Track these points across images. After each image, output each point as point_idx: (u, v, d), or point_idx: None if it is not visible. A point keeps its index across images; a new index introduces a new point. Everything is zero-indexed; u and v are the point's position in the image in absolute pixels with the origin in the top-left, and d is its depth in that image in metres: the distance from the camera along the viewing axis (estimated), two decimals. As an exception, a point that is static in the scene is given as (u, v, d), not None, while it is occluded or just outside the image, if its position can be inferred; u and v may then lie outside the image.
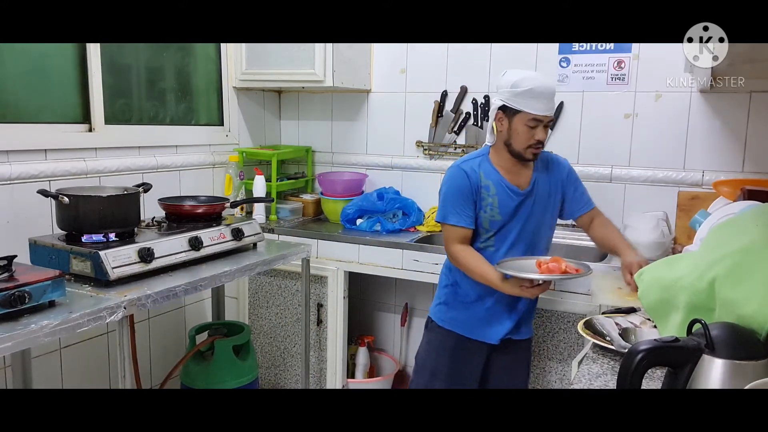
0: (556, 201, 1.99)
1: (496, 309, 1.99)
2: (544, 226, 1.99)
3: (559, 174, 1.99)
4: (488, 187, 1.92)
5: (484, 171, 1.93)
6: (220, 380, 2.44)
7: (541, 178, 1.96)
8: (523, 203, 1.93)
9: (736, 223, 1.48)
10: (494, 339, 1.99)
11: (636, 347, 0.99)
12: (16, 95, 2.18)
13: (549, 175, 1.97)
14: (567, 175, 2.00)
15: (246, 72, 2.98)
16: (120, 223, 2.01)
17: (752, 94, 2.38)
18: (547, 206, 1.97)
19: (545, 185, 1.96)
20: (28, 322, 1.50)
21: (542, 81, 1.86)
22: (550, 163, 2.00)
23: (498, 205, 1.92)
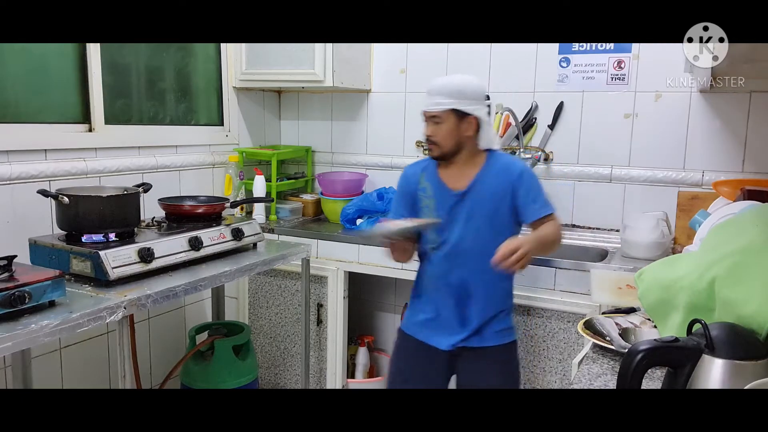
0: (503, 204, 1.85)
1: (443, 315, 1.93)
2: (490, 228, 1.86)
3: (507, 176, 1.85)
4: (425, 189, 1.92)
5: (427, 173, 1.93)
6: (220, 380, 2.44)
7: (485, 180, 1.87)
8: (458, 204, 1.87)
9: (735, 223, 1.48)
10: (443, 345, 1.92)
11: (636, 347, 0.99)
12: (16, 95, 2.18)
13: (496, 177, 1.86)
14: (518, 178, 1.85)
15: (246, 72, 2.98)
16: (120, 223, 2.01)
17: (752, 94, 2.38)
18: (492, 209, 1.85)
19: (489, 187, 1.86)
20: (28, 322, 1.50)
21: (439, 79, 1.86)
22: (502, 166, 1.88)
23: (434, 207, 1.90)
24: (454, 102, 1.81)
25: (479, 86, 1.87)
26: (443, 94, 1.83)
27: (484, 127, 1.86)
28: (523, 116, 2.76)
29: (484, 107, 1.86)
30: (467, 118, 1.83)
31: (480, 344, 1.91)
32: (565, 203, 2.74)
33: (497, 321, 1.91)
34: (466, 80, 1.86)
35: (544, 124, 2.74)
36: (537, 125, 2.76)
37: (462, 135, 1.85)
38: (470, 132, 1.85)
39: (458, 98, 1.82)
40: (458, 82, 1.84)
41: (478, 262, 1.84)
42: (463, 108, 1.81)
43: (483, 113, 1.85)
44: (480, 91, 1.86)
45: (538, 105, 2.74)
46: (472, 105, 1.82)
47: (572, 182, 2.72)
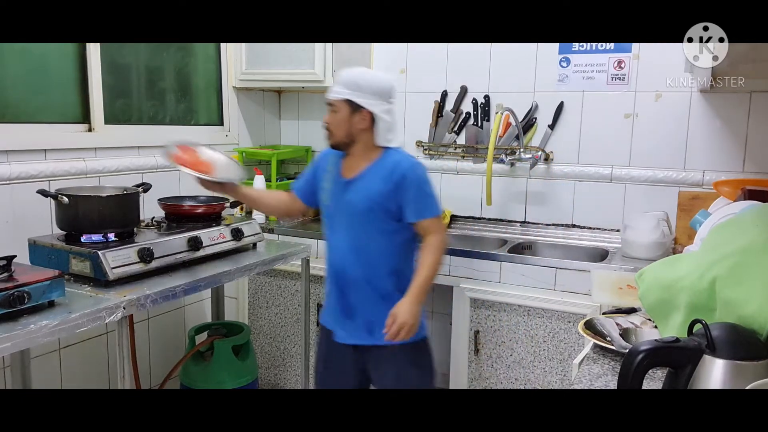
0: (386, 200, 1.84)
1: (331, 302, 1.96)
2: (369, 222, 1.86)
3: (393, 174, 1.84)
4: (327, 172, 1.96)
5: (335, 159, 1.95)
6: (220, 380, 2.44)
7: (371, 175, 1.86)
8: (345, 191, 1.89)
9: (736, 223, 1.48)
10: (341, 339, 1.94)
11: (637, 347, 0.99)
12: (16, 95, 2.18)
13: (383, 172, 1.85)
14: (402, 176, 1.83)
15: (246, 72, 2.98)
16: (119, 223, 2.01)
17: (752, 94, 2.38)
18: (373, 202, 1.84)
19: (375, 181, 1.85)
20: (28, 322, 1.49)
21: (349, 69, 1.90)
22: (391, 163, 1.86)
23: (328, 190, 1.94)
24: (348, 93, 1.82)
25: (382, 83, 1.85)
26: (341, 84, 1.84)
27: (380, 123, 1.85)
28: (523, 116, 2.76)
29: (383, 104, 1.84)
30: (361, 111, 1.83)
31: (372, 342, 1.89)
32: (565, 203, 2.74)
33: (382, 316, 1.83)
34: (368, 75, 1.87)
35: (545, 124, 2.74)
36: (537, 125, 2.76)
37: (354, 127, 1.84)
38: (363, 125, 1.84)
39: (353, 90, 1.82)
40: (357, 74, 1.85)
41: (358, 254, 1.87)
42: (356, 100, 1.81)
43: (379, 109, 1.83)
44: (381, 88, 1.84)
45: (538, 105, 2.74)
46: (368, 99, 1.82)
47: (572, 182, 2.72)
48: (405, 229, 1.89)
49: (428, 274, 1.85)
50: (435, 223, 1.88)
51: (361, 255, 1.87)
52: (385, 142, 1.88)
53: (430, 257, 1.85)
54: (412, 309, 1.79)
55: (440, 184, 2.98)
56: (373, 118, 1.84)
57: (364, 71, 1.89)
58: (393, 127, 1.89)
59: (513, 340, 2.39)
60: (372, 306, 1.88)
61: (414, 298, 1.81)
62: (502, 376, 2.43)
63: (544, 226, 2.79)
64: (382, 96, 1.84)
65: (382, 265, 1.88)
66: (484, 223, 2.90)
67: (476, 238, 2.82)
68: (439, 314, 3.02)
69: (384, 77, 1.89)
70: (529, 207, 2.82)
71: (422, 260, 1.86)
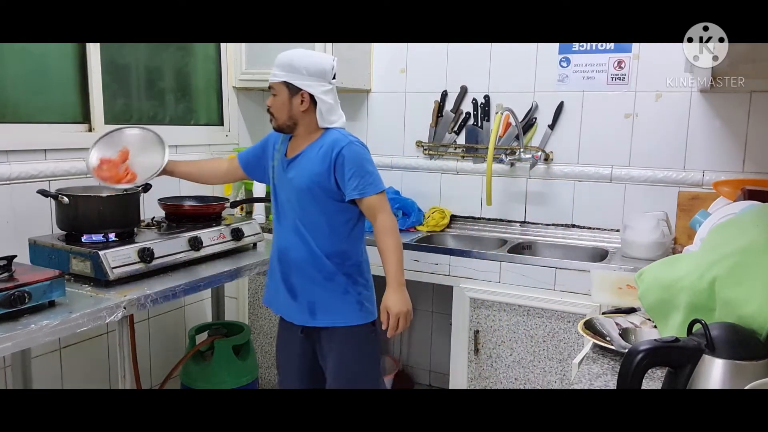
0: (323, 179, 1.83)
1: (274, 282, 1.97)
2: (310, 200, 1.85)
3: (331, 151, 1.82)
4: (276, 151, 1.96)
5: (284, 140, 1.95)
6: (220, 380, 2.44)
7: (312, 153, 1.86)
8: (286, 171, 1.90)
9: (736, 223, 1.48)
10: (288, 318, 1.95)
11: (636, 347, 0.99)
12: (16, 95, 2.18)
13: (320, 152, 1.84)
14: (338, 155, 1.81)
15: (246, 72, 2.97)
16: (120, 223, 2.01)
17: (752, 94, 2.38)
18: (311, 181, 1.83)
19: (313, 160, 1.84)
20: (28, 322, 1.50)
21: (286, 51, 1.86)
22: (329, 143, 1.84)
23: (274, 169, 1.95)
24: (284, 75, 1.81)
25: (318, 63, 1.82)
26: (278, 66, 1.83)
27: (320, 105, 1.83)
28: (523, 116, 2.76)
29: (322, 85, 1.83)
30: (300, 93, 1.81)
31: (314, 324, 1.90)
32: (564, 203, 2.74)
33: (331, 300, 1.87)
34: (305, 55, 1.83)
35: (544, 124, 2.74)
36: (537, 125, 2.76)
37: (295, 110, 1.83)
38: (303, 108, 1.83)
39: (289, 71, 1.80)
40: (294, 55, 1.82)
41: (300, 234, 1.87)
42: (293, 82, 1.80)
43: (318, 91, 1.82)
44: (319, 69, 1.82)
45: (538, 105, 2.74)
46: (305, 81, 1.80)
47: (572, 182, 2.72)
48: (347, 210, 1.87)
49: (396, 257, 1.84)
50: (379, 200, 1.84)
51: (303, 235, 1.87)
52: (328, 123, 1.86)
53: (390, 240, 1.84)
54: (399, 297, 1.82)
55: (440, 184, 2.99)
56: (313, 99, 1.82)
57: (301, 52, 1.84)
58: (334, 109, 1.88)
59: (513, 339, 2.39)
60: (314, 287, 1.88)
61: (396, 285, 1.83)
62: (502, 376, 2.43)
63: (544, 226, 2.79)
64: (320, 76, 1.82)
65: (324, 245, 1.86)
66: (484, 223, 2.90)
67: (476, 238, 2.82)
68: (438, 314, 3.03)
69: (322, 57, 1.86)
70: (528, 207, 2.82)
71: (383, 246, 1.85)
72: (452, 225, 2.94)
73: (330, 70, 1.84)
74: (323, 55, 1.88)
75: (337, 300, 1.88)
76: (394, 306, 1.81)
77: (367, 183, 1.83)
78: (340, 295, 1.89)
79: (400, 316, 1.82)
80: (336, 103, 1.89)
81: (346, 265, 1.88)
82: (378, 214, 1.85)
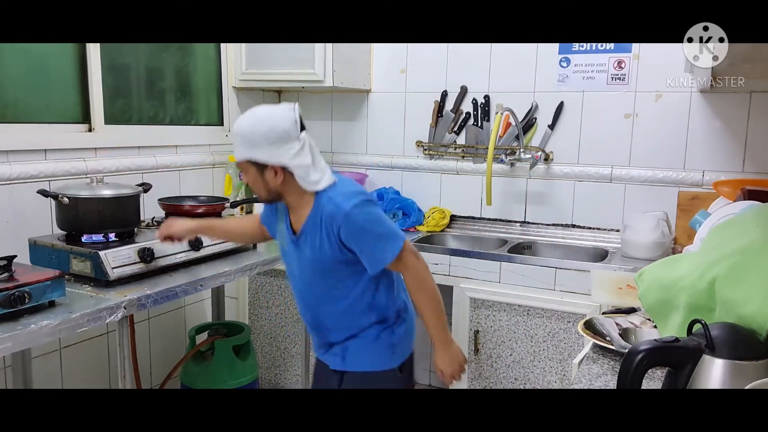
0: (335, 255, 1.60)
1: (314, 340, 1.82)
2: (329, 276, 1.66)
3: (330, 228, 1.57)
4: (280, 221, 1.74)
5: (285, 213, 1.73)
6: (220, 380, 2.44)
7: (312, 228, 1.61)
8: (295, 247, 1.68)
9: (736, 223, 1.48)
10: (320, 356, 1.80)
11: (636, 347, 0.99)
12: (16, 95, 2.18)
13: (323, 227, 1.59)
14: (340, 229, 1.56)
15: (246, 72, 2.97)
16: (120, 223, 2.01)
17: (752, 94, 2.38)
18: (324, 262, 1.63)
19: (316, 237, 1.61)
20: (28, 322, 1.50)
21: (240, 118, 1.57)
22: (327, 214, 1.57)
23: (281, 240, 1.76)
24: (246, 152, 1.54)
25: (276, 125, 1.51)
26: (237, 142, 1.55)
27: (296, 171, 1.55)
28: (523, 116, 2.76)
29: (290, 148, 1.53)
30: (267, 167, 1.54)
31: (343, 368, 1.75)
32: (565, 203, 2.74)
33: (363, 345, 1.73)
34: (257, 121, 1.53)
35: (544, 124, 2.74)
36: (537, 125, 2.76)
37: (271, 184, 1.57)
38: (279, 180, 1.56)
39: (249, 147, 1.52)
40: (248, 127, 1.53)
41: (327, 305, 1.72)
42: (256, 159, 1.53)
43: (287, 158, 1.52)
44: (278, 132, 1.51)
45: (538, 105, 2.74)
46: (269, 152, 1.52)
47: (572, 182, 2.72)
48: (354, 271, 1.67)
49: (435, 314, 1.69)
50: (400, 259, 1.60)
51: (330, 306, 1.71)
52: (312, 186, 1.58)
53: (422, 298, 1.67)
54: (448, 356, 1.73)
55: (440, 184, 2.99)
56: (285, 170, 1.55)
57: (255, 118, 1.53)
58: (314, 166, 1.58)
59: (513, 339, 2.40)
60: (349, 339, 1.74)
61: (442, 345, 1.72)
62: (502, 376, 2.43)
63: (544, 226, 2.79)
64: (284, 140, 1.52)
65: (353, 310, 1.70)
66: (484, 223, 2.90)
67: (476, 238, 2.82)
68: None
69: (280, 115, 1.53)
70: (529, 207, 2.82)
71: (417, 305, 1.70)
72: (452, 225, 2.94)
73: (294, 125, 1.53)
74: (280, 112, 1.54)
75: (368, 345, 1.74)
76: (446, 367, 1.73)
77: (381, 251, 1.59)
78: (371, 341, 1.73)
79: (454, 373, 1.74)
80: (314, 157, 1.59)
81: (380, 312, 1.73)
82: (403, 272, 1.66)
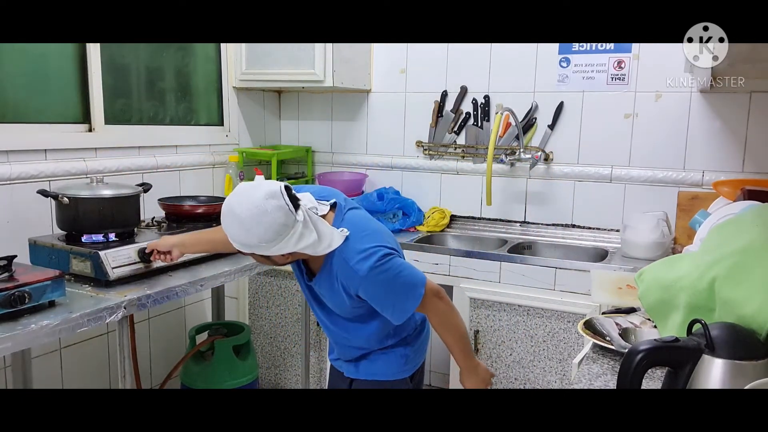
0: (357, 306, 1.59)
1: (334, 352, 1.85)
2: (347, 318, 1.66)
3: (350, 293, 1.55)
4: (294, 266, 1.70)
5: None
6: (220, 380, 2.44)
7: (327, 281, 1.57)
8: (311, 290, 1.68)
9: (736, 223, 1.48)
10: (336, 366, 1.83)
11: (636, 347, 0.99)
12: (16, 95, 2.18)
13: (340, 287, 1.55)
14: (357, 295, 1.54)
15: (246, 72, 2.98)
16: (120, 223, 2.01)
17: (752, 94, 2.38)
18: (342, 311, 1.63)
19: (333, 290, 1.57)
20: (28, 322, 1.50)
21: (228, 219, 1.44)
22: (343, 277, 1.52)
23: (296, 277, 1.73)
24: (247, 251, 1.48)
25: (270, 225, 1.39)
26: (234, 243, 1.47)
27: (305, 251, 1.48)
28: (523, 116, 2.76)
29: (290, 236, 1.42)
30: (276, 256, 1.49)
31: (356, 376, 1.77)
32: (564, 203, 2.74)
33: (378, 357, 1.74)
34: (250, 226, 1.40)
35: (544, 124, 2.74)
36: (537, 125, 2.76)
37: (280, 263, 1.54)
38: (288, 260, 1.53)
39: (252, 249, 1.46)
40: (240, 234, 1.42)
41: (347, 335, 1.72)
42: (262, 254, 1.46)
43: (291, 245, 1.44)
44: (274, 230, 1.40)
45: (538, 105, 2.74)
46: (271, 248, 1.43)
47: (572, 182, 2.72)
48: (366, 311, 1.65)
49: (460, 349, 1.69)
50: (423, 305, 1.58)
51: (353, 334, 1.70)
52: (323, 252, 1.50)
53: (449, 337, 1.67)
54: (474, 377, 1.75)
55: (440, 184, 2.99)
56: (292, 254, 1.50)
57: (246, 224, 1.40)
58: (318, 242, 1.48)
59: (513, 339, 2.40)
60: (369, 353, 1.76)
61: (468, 371, 1.74)
62: (502, 376, 2.43)
63: (544, 226, 2.79)
64: (281, 233, 1.41)
65: (376, 336, 1.69)
66: (484, 223, 2.90)
67: (476, 238, 2.82)
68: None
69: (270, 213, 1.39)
70: (528, 207, 2.82)
71: (444, 341, 1.70)
72: (452, 225, 2.94)
73: (288, 215, 1.40)
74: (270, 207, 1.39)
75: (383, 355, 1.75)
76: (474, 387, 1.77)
77: (403, 303, 1.55)
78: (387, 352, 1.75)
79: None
80: (317, 229, 1.48)
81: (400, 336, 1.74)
82: (427, 313, 1.64)
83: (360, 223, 1.59)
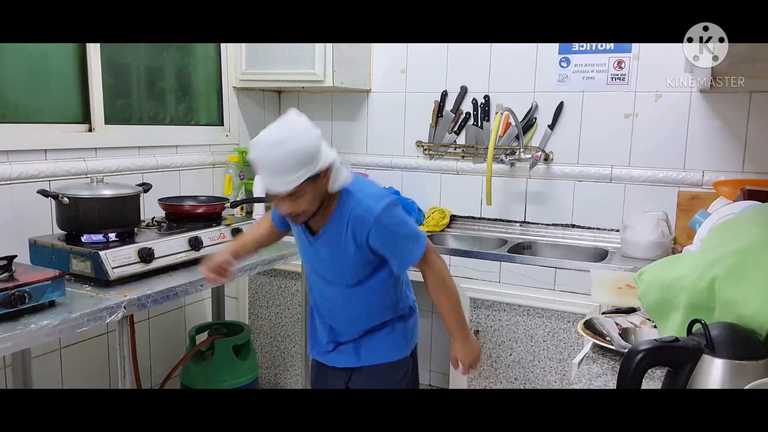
0: (359, 258, 1.66)
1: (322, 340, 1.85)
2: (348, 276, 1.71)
3: (358, 231, 1.62)
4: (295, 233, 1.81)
5: None
6: (220, 380, 2.44)
7: (336, 229, 1.65)
8: (314, 247, 1.72)
9: (736, 223, 1.48)
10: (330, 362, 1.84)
11: (636, 347, 0.99)
12: (16, 95, 2.18)
13: (348, 229, 1.63)
14: (368, 237, 1.62)
15: (246, 72, 2.98)
16: (120, 223, 2.01)
17: (752, 94, 2.38)
18: (346, 263, 1.68)
19: (337, 237, 1.65)
20: (28, 322, 1.50)
21: (260, 151, 1.54)
22: (354, 218, 1.62)
23: (298, 240, 1.79)
24: (306, 171, 1.51)
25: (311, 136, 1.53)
26: (291, 169, 1.50)
27: (335, 165, 1.59)
28: (523, 116, 2.76)
29: (326, 148, 1.57)
30: (320, 175, 1.55)
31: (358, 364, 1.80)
32: (564, 203, 2.74)
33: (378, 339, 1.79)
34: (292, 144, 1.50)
35: (544, 124, 2.74)
36: (537, 125, 2.76)
37: (323, 192, 1.60)
38: (328, 184, 1.59)
39: (308, 163, 1.51)
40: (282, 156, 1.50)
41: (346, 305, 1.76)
42: (315, 172, 1.52)
43: (332, 156, 1.57)
44: (317, 138, 1.54)
45: (538, 105, 2.74)
46: (321, 158, 1.53)
47: (572, 182, 2.72)
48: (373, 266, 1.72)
49: (454, 311, 1.76)
50: (425, 258, 1.69)
51: (349, 305, 1.75)
52: (340, 183, 1.61)
53: (442, 295, 1.74)
54: (466, 347, 1.78)
55: (440, 184, 2.99)
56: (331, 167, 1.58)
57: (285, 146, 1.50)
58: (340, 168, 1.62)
59: (513, 339, 2.40)
60: (364, 335, 1.79)
61: (460, 338, 1.77)
62: (502, 376, 2.43)
63: (544, 226, 2.79)
64: (321, 145, 1.56)
65: (372, 308, 1.76)
66: (484, 223, 2.90)
67: (476, 238, 2.82)
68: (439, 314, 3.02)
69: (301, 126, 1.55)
70: (528, 207, 2.82)
71: (437, 302, 1.76)
72: (452, 225, 2.94)
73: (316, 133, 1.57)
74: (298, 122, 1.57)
75: (385, 337, 1.80)
76: (465, 357, 1.78)
77: (409, 251, 1.66)
78: (387, 334, 1.80)
79: (471, 363, 1.79)
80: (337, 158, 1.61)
81: (396, 312, 1.80)
82: (424, 269, 1.72)
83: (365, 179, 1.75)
